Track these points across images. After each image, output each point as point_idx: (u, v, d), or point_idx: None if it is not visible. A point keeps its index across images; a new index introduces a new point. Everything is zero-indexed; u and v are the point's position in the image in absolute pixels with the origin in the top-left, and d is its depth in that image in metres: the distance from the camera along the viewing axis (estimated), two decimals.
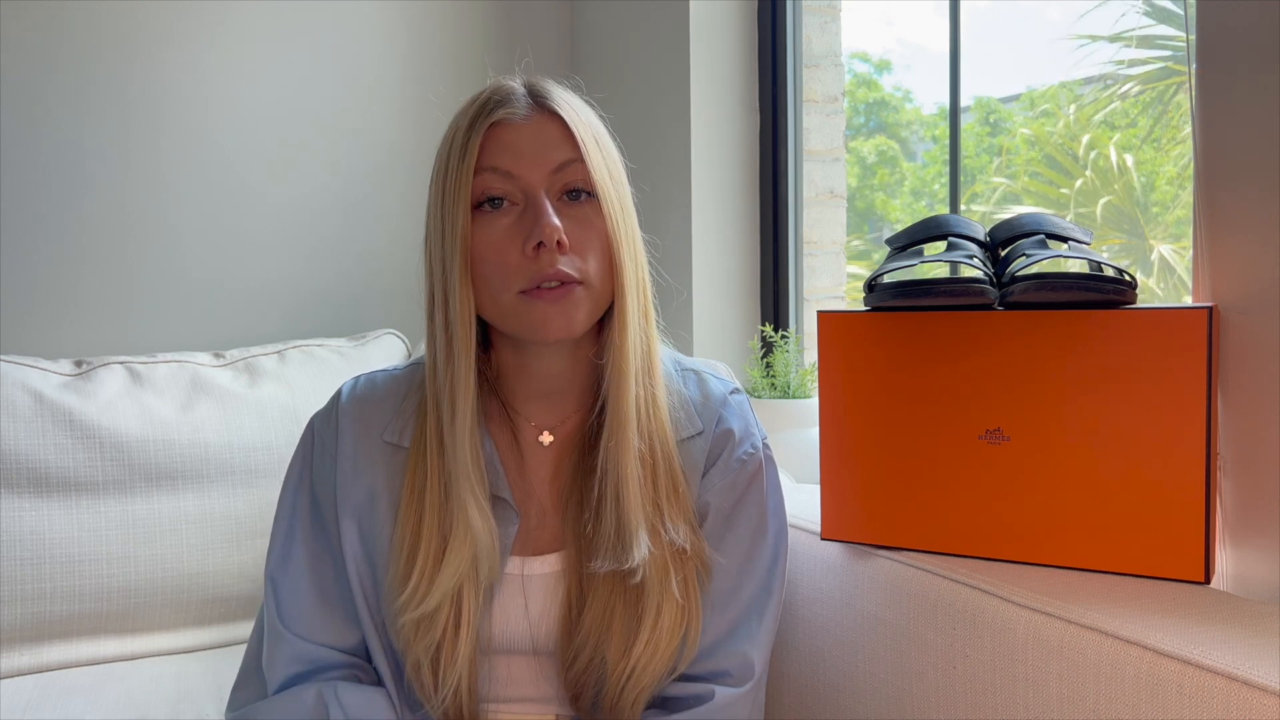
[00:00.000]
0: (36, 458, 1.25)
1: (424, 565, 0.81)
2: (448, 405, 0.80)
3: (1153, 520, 0.80)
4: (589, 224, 0.80)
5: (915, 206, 5.89)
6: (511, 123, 0.80)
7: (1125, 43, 4.21)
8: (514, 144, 0.79)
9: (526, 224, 0.78)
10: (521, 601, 0.85)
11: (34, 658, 1.24)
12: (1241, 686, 0.63)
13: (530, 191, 0.79)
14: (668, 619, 0.82)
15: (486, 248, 0.79)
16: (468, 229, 0.79)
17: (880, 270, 0.91)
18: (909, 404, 0.89)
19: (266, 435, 1.36)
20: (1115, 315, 0.80)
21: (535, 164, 0.79)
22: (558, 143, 0.80)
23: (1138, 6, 3.99)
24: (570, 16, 1.88)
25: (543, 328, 0.78)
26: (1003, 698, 0.78)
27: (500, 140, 0.79)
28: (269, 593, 0.86)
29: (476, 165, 0.79)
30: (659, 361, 0.86)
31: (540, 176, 0.79)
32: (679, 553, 0.83)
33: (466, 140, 0.79)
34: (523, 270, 0.78)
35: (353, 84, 1.72)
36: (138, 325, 1.59)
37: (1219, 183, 0.83)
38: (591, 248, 0.80)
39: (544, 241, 0.76)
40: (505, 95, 0.81)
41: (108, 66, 1.56)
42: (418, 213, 1.80)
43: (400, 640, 0.83)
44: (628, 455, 0.81)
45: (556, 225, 0.77)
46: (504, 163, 0.79)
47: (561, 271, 0.77)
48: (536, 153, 0.79)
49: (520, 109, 0.80)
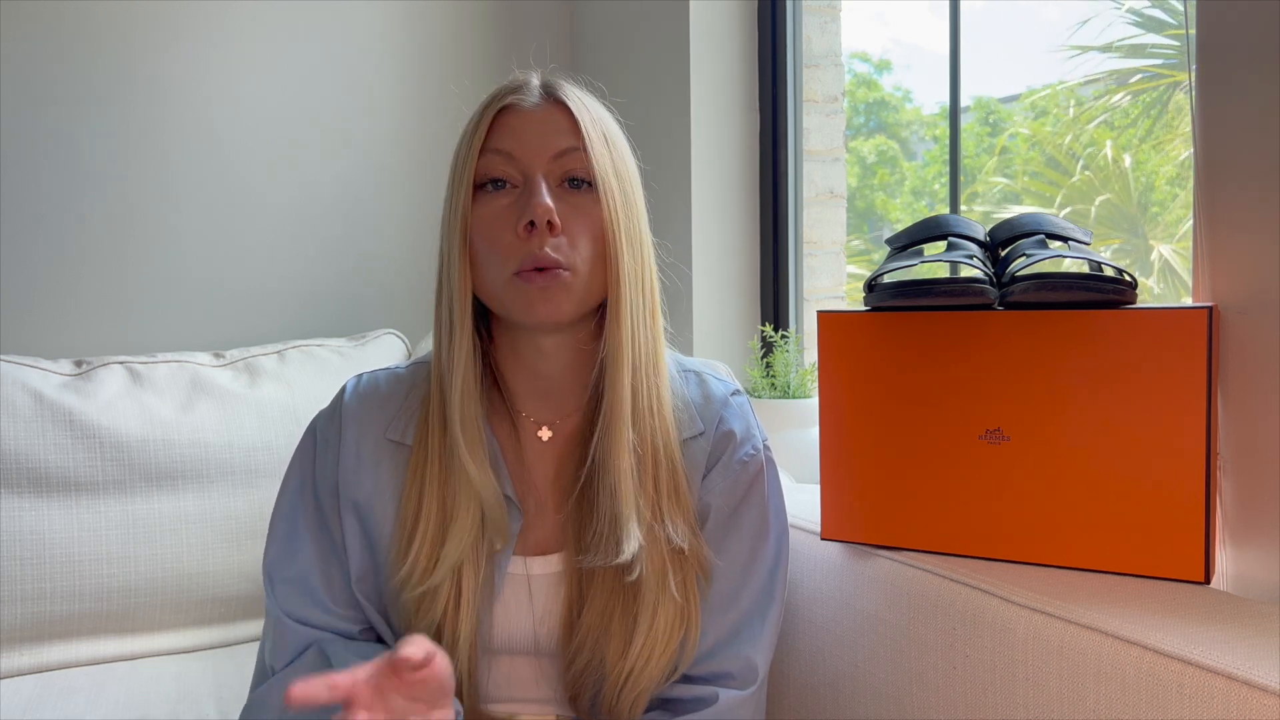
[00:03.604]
0: (36, 458, 1.25)
1: (423, 539, 0.81)
2: (449, 376, 0.82)
3: (1153, 520, 0.80)
4: (585, 212, 0.81)
5: (915, 206, 5.89)
6: (520, 108, 0.82)
7: (1116, 53, 4.23)
8: (519, 128, 0.81)
9: (521, 204, 0.79)
10: (527, 602, 0.85)
11: (34, 658, 1.24)
12: (1241, 686, 0.63)
13: (529, 174, 0.80)
14: (664, 620, 0.82)
15: (483, 226, 0.81)
16: (468, 208, 0.81)
17: (880, 270, 0.91)
18: (909, 404, 0.89)
19: (266, 435, 1.36)
20: (1115, 315, 0.80)
21: (537, 148, 0.80)
22: (562, 131, 0.81)
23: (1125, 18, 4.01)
24: (570, 16, 1.88)
25: (529, 310, 0.79)
26: (1003, 698, 0.78)
27: (506, 124, 0.82)
28: (270, 588, 0.86)
29: (482, 147, 0.81)
30: (665, 361, 0.86)
31: (541, 161, 0.80)
32: (677, 553, 0.83)
33: (476, 124, 0.82)
34: (515, 251, 0.79)
35: (353, 84, 1.72)
36: (138, 325, 1.59)
37: (1219, 183, 0.83)
38: (584, 235, 0.81)
39: (534, 221, 0.78)
40: (519, 85, 0.84)
41: (108, 66, 1.56)
42: (418, 213, 1.81)
43: (401, 620, 0.84)
44: (620, 447, 0.81)
45: (549, 206, 0.78)
46: (507, 145, 0.81)
47: (547, 255, 0.78)
48: (539, 138, 0.81)
49: (530, 97, 0.83)
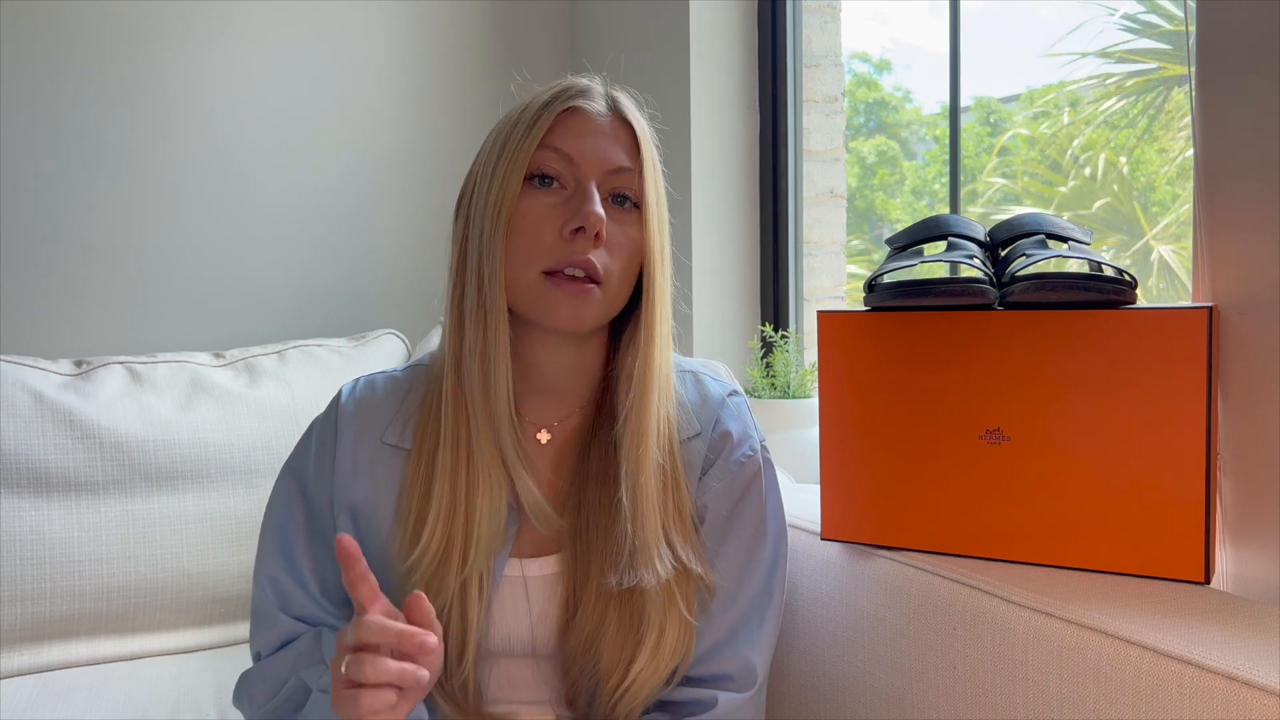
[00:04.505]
0: (36, 458, 1.25)
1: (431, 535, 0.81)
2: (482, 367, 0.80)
3: (1153, 520, 0.80)
4: (626, 231, 0.82)
5: (915, 206, 5.89)
6: (587, 112, 0.82)
7: (1111, 58, 4.24)
8: (583, 133, 0.81)
9: (572, 207, 0.79)
10: (524, 604, 0.85)
11: (34, 658, 1.24)
12: (1241, 686, 0.63)
13: (582, 180, 0.80)
14: (670, 639, 0.82)
15: (525, 221, 0.80)
16: (515, 197, 0.80)
17: (880, 270, 0.91)
18: (909, 404, 0.89)
19: (266, 435, 1.36)
20: (1115, 315, 0.80)
21: (597, 158, 0.81)
22: (622, 148, 0.82)
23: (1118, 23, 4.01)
24: (570, 16, 1.89)
25: (552, 314, 0.79)
26: (1003, 698, 0.78)
27: (570, 126, 0.81)
28: (266, 587, 0.86)
29: (542, 141, 0.80)
30: (672, 377, 0.87)
31: (597, 172, 0.81)
32: (683, 570, 0.83)
33: (538, 116, 0.81)
34: (554, 251, 0.79)
35: (353, 84, 1.72)
36: (138, 325, 1.59)
37: (1219, 182, 0.83)
38: (622, 253, 0.81)
39: (585, 227, 0.78)
40: (586, 88, 0.84)
41: (109, 66, 1.56)
42: (418, 213, 1.81)
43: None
44: (648, 471, 0.81)
45: (601, 216, 0.78)
46: (568, 146, 0.80)
47: (589, 261, 0.79)
48: (601, 149, 0.81)
49: (598, 105, 0.83)
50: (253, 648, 0.88)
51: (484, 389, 0.81)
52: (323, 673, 0.80)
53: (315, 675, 0.80)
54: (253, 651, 0.88)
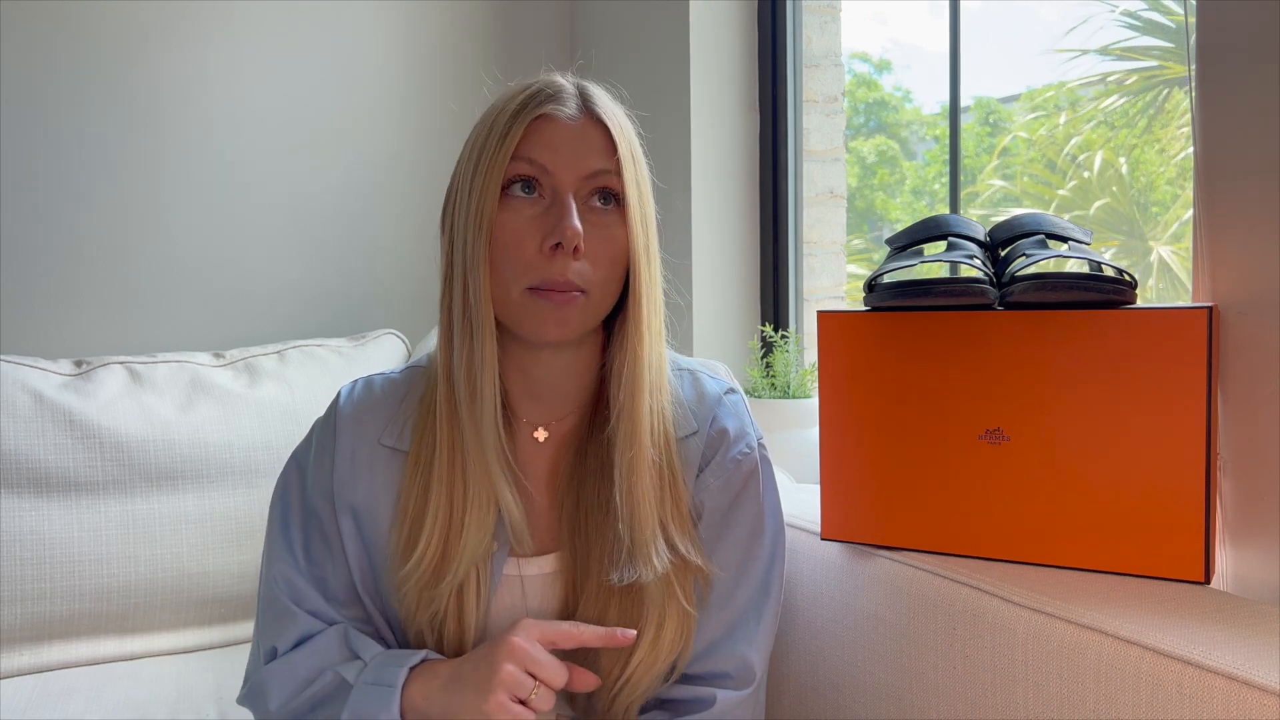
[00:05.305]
0: (36, 458, 1.25)
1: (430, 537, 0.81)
2: (469, 380, 0.80)
3: (1153, 520, 0.80)
4: (607, 232, 0.80)
5: (915, 206, 5.89)
6: (557, 119, 0.80)
7: (1110, 55, 4.24)
8: (554, 141, 0.79)
9: (550, 220, 0.78)
10: (521, 603, 0.85)
11: (34, 658, 1.24)
12: (1241, 686, 0.63)
13: (559, 190, 0.79)
14: (670, 631, 0.82)
15: (507, 233, 0.79)
16: (494, 210, 0.79)
17: (880, 270, 0.91)
18: (909, 404, 0.89)
19: (266, 435, 1.36)
20: (1115, 315, 0.80)
21: (571, 165, 0.79)
22: (598, 150, 0.80)
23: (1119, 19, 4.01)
24: (570, 16, 1.89)
25: (539, 328, 0.79)
26: (1003, 698, 0.78)
27: (542, 134, 0.80)
28: (280, 584, 0.86)
29: (514, 152, 0.79)
30: (667, 375, 0.87)
31: (574, 178, 0.79)
32: (681, 563, 0.83)
33: (509, 126, 0.79)
34: (535, 267, 0.78)
35: (353, 84, 1.73)
36: (138, 325, 1.59)
37: (1219, 182, 0.83)
38: (605, 257, 0.80)
39: (562, 244, 0.77)
40: (556, 90, 0.81)
41: (108, 67, 1.56)
42: (418, 213, 1.81)
43: (403, 610, 0.84)
44: (642, 468, 0.81)
45: (578, 230, 0.77)
46: (541, 156, 0.79)
47: (568, 280, 0.78)
48: (575, 155, 0.79)
49: (568, 108, 0.81)
50: (264, 644, 0.86)
51: (471, 401, 0.81)
52: (362, 668, 0.80)
53: (353, 671, 0.81)
54: (265, 648, 0.86)
